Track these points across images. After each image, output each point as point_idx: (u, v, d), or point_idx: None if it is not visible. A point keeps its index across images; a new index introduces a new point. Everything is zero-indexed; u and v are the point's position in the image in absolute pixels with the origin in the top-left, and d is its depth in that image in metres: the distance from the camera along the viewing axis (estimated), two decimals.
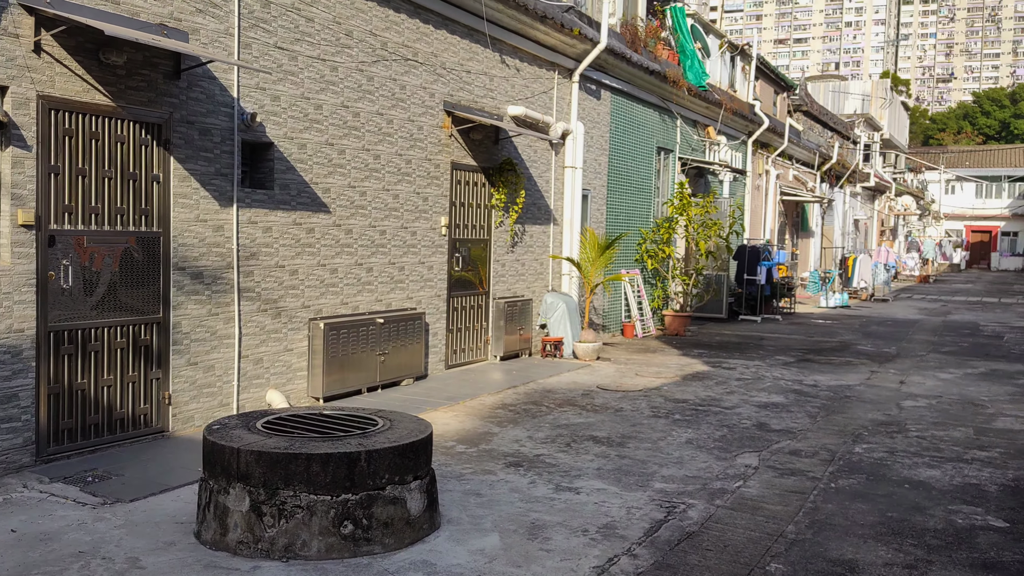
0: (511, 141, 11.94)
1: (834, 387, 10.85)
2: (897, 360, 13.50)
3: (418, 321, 10.02)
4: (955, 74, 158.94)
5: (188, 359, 7.37)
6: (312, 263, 8.69)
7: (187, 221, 7.30)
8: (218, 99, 7.53)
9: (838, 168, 30.36)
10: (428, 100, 10.25)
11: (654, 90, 15.94)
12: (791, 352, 14.04)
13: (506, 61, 11.71)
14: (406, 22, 9.78)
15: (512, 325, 11.97)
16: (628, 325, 15.28)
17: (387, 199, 9.70)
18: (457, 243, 11.07)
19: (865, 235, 38.00)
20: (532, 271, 12.73)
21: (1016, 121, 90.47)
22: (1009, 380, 11.71)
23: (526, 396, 9.67)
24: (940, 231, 58.19)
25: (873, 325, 18.93)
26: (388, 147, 9.65)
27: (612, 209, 14.97)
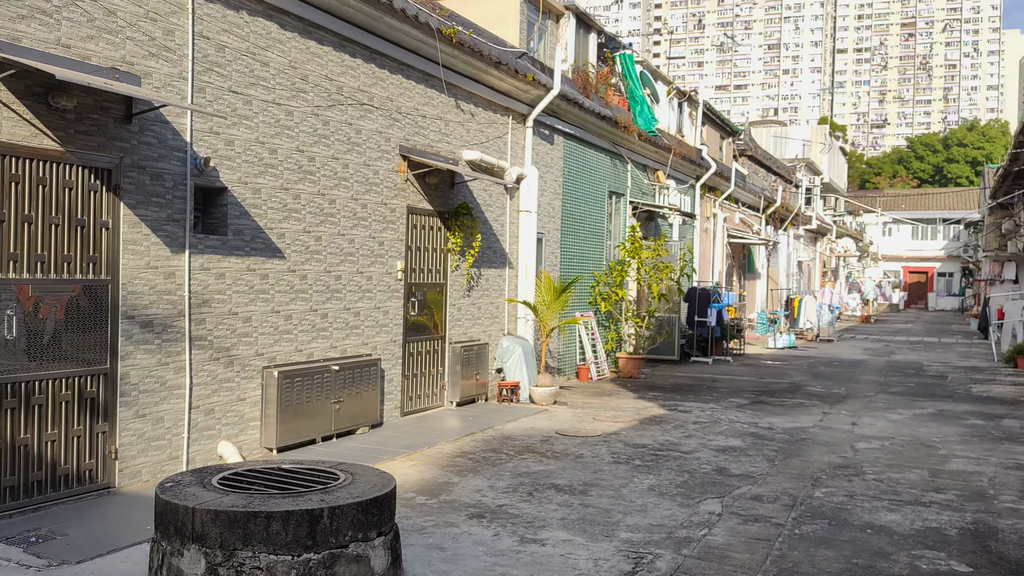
0: (467, 185, 11.93)
1: (789, 429, 10.93)
2: (847, 401, 13.68)
3: (374, 368, 9.85)
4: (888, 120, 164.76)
5: (136, 411, 7.10)
6: (266, 310, 8.50)
7: (137, 268, 7.08)
8: (171, 143, 7.37)
9: (782, 211, 31.04)
10: (384, 144, 10.20)
11: (606, 135, 16.13)
12: (744, 394, 14.14)
13: (461, 106, 11.74)
14: (362, 67, 9.76)
15: (468, 370, 11.85)
16: (583, 368, 15.26)
17: (343, 244, 9.57)
18: (413, 287, 10.96)
19: (808, 276, 38.80)
20: (488, 315, 12.66)
21: (949, 166, 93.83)
22: (957, 421, 11.93)
23: (485, 443, 9.53)
24: (879, 272, 59.74)
25: (821, 366, 19.22)
26: (344, 192, 9.55)
27: (566, 252, 15.02)
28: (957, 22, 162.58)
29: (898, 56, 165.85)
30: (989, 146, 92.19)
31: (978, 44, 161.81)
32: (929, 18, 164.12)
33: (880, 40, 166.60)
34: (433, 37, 10.41)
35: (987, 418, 12.18)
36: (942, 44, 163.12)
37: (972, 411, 12.82)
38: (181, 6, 7.39)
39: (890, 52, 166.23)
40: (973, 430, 11.17)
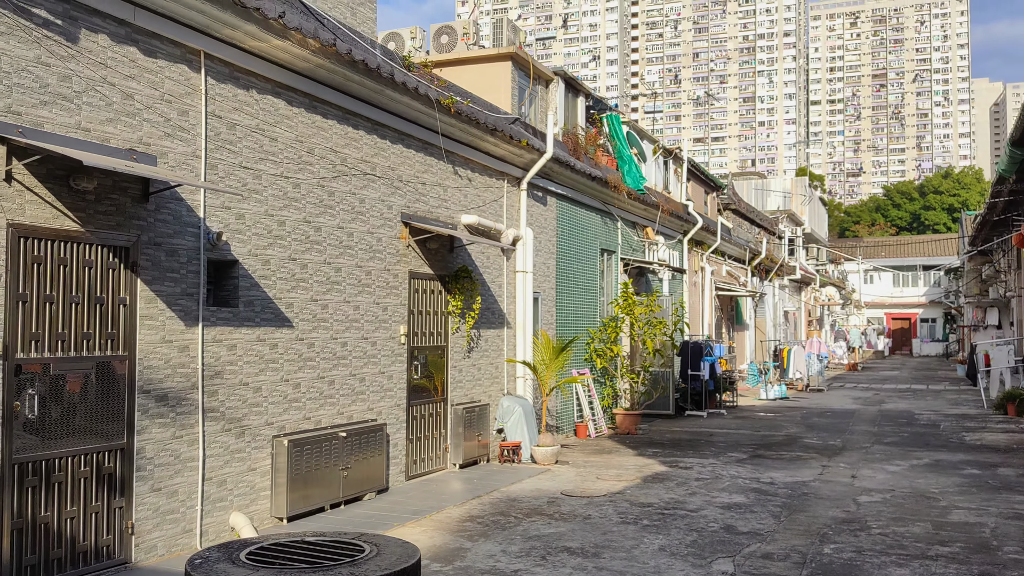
0: (465, 249, 12.14)
1: (790, 484, 11.03)
2: (844, 453, 13.82)
3: (379, 432, 9.92)
4: (864, 168, 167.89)
5: (151, 485, 7.14)
6: (275, 379, 8.60)
7: (153, 343, 7.19)
8: (185, 220, 7.55)
9: (767, 262, 31.49)
10: (386, 212, 10.42)
11: (596, 194, 16.47)
12: (742, 448, 14.25)
13: (459, 172, 12.02)
14: (364, 138, 10.02)
15: (471, 431, 11.92)
16: (581, 425, 15.35)
17: (348, 311, 9.72)
18: (416, 351, 11.09)
19: (795, 326, 39.17)
20: (488, 375, 12.78)
21: (926, 213, 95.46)
22: (954, 471, 12.08)
23: (492, 506, 9.58)
24: (862, 319, 60.31)
25: (814, 417, 19.37)
26: (349, 259, 9.73)
27: (561, 310, 15.22)
28: (927, 72, 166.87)
29: (870, 106, 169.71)
30: (964, 193, 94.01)
31: (948, 93, 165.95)
32: (899, 69, 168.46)
33: (852, 91, 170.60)
34: (432, 108, 10.71)
35: (983, 467, 12.35)
36: (913, 94, 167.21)
37: (967, 460, 12.99)
38: (195, 88, 7.64)
39: (863, 103, 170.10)
40: (970, 480, 11.32)
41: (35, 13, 6.28)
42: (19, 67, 6.17)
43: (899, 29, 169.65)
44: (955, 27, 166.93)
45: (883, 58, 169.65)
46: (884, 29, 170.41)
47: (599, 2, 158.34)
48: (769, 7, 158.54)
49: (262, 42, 8.09)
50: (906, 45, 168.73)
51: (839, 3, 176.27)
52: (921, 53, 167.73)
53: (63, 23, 6.49)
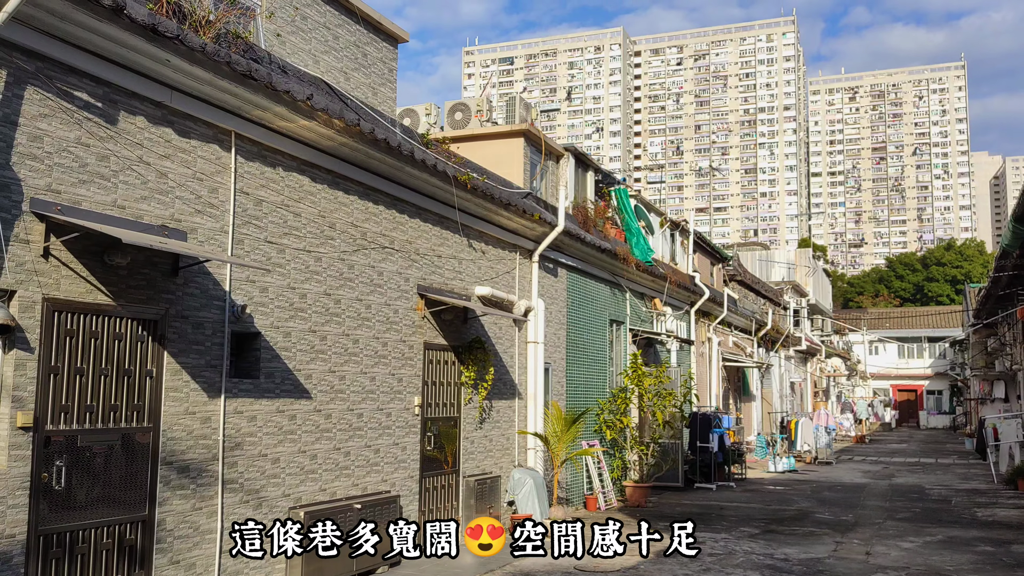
0: (479, 320, 12.30)
1: (805, 561, 10.96)
2: (857, 529, 13.71)
3: (393, 504, 9.92)
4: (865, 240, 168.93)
5: (171, 558, 7.17)
6: (293, 450, 8.67)
7: (177, 414, 7.30)
8: (211, 293, 7.73)
9: (773, 333, 31.58)
10: (403, 284, 10.62)
11: (605, 266, 16.70)
12: (754, 522, 14.15)
13: (473, 245, 12.25)
14: (383, 213, 10.27)
15: (482, 503, 11.89)
16: (591, 497, 15.27)
17: (364, 382, 9.83)
18: (429, 422, 11.15)
19: (801, 397, 39.04)
20: (499, 447, 12.80)
21: (929, 284, 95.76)
22: (968, 548, 11.99)
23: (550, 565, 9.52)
24: (868, 391, 60.01)
25: (824, 491, 19.23)
26: (366, 331, 9.88)
27: (571, 381, 15.29)
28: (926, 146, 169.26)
29: (871, 178, 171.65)
30: (967, 265, 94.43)
31: (948, 166, 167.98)
32: (898, 142, 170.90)
33: (852, 164, 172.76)
34: (449, 183, 11.00)
35: (996, 544, 12.25)
36: (913, 167, 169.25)
37: (981, 537, 12.89)
38: (225, 166, 7.90)
39: (863, 175, 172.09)
40: (985, 557, 11.23)
41: (77, 96, 6.57)
42: (60, 147, 6.43)
43: (897, 104, 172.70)
44: (953, 102, 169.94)
45: (882, 132, 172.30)
46: (883, 104, 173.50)
47: (603, 76, 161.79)
48: (769, 82, 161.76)
49: (290, 122, 8.39)
50: (904, 119, 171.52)
51: (838, 78, 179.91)
52: (920, 127, 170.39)
53: (103, 105, 6.78)
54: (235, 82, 7.56)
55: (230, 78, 7.50)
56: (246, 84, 7.66)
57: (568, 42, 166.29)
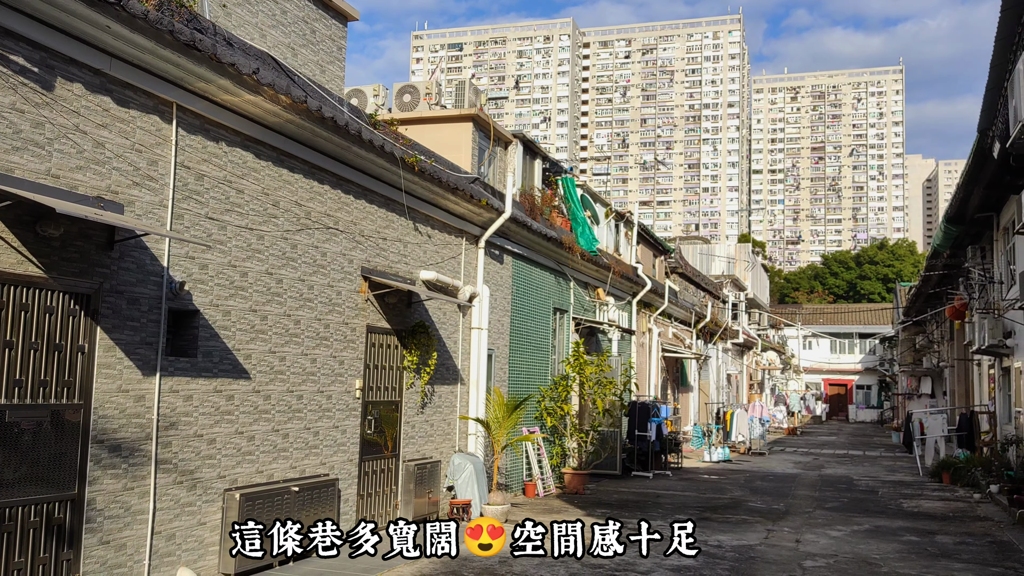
0: (423, 304, 12.23)
1: (737, 547, 11.18)
2: (788, 517, 14.04)
3: (331, 488, 9.83)
4: (803, 237, 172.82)
5: (100, 537, 6.98)
6: (230, 431, 8.51)
7: (109, 392, 7.10)
8: (148, 268, 7.52)
9: (711, 326, 32.10)
10: (347, 266, 10.49)
11: (551, 255, 16.75)
12: (689, 510, 14.38)
13: (419, 228, 12.16)
14: (329, 192, 10.12)
15: (422, 488, 11.85)
16: (529, 484, 15.34)
17: (305, 364, 9.69)
18: (370, 406, 11.06)
19: (737, 389, 39.80)
20: (440, 432, 12.76)
21: (862, 282, 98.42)
22: (894, 537, 12.37)
23: (443, 565, 9.51)
24: (801, 384, 61.49)
25: (757, 480, 19.65)
26: (308, 312, 9.74)
27: (514, 368, 15.32)
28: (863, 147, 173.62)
29: (809, 177, 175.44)
30: (899, 264, 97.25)
31: (883, 168, 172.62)
32: (837, 143, 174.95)
33: (792, 162, 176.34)
34: (396, 165, 10.89)
35: (921, 534, 12.66)
36: (849, 167, 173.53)
37: (906, 527, 13.31)
38: (165, 138, 7.69)
39: (802, 173, 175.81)
40: (910, 547, 11.60)
41: (12, 60, 6.31)
42: None
43: (837, 105, 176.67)
44: (890, 105, 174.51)
45: (821, 132, 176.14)
46: (823, 104, 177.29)
47: (551, 66, 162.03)
48: (715, 78, 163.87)
49: (235, 96, 8.19)
50: (843, 120, 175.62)
51: (780, 78, 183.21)
52: (858, 128, 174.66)
53: (39, 71, 6.52)
54: (178, 52, 7.35)
55: (172, 47, 7.28)
56: (189, 54, 7.45)
57: (518, 31, 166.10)
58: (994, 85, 11.94)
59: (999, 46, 10.73)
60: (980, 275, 20.93)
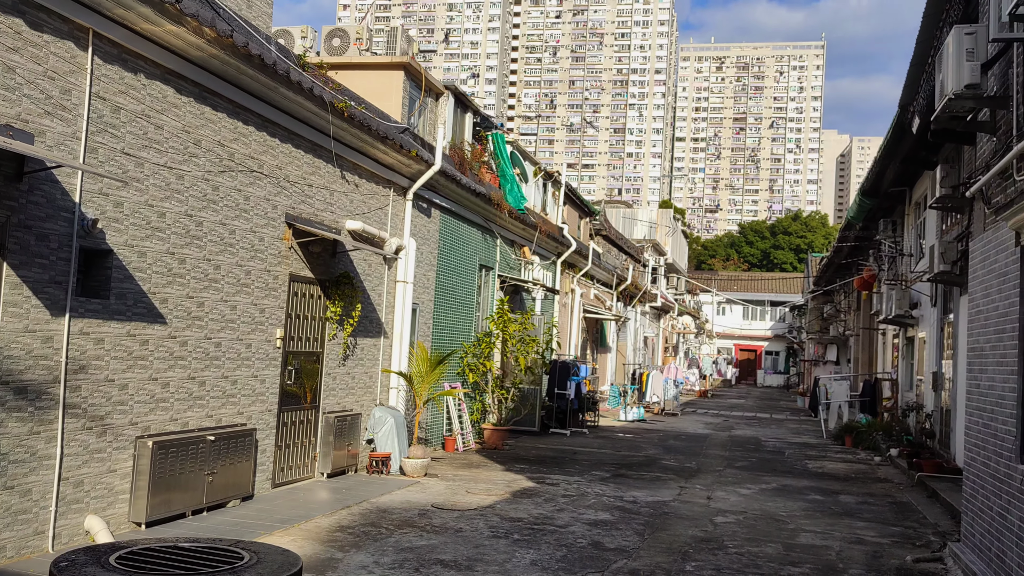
0: (348, 255, 11.98)
1: (652, 503, 11.43)
2: (700, 475, 14.44)
3: (249, 438, 9.62)
4: (721, 206, 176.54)
5: (4, 482, 6.66)
6: (143, 377, 8.20)
7: (15, 332, 6.73)
8: (59, 203, 7.11)
9: (632, 289, 32.56)
10: (271, 212, 10.16)
11: (479, 211, 16.61)
12: (605, 467, 14.64)
13: (347, 177, 11.87)
14: (254, 134, 9.75)
15: (341, 440, 11.72)
16: (449, 439, 15.36)
17: (225, 311, 9.39)
18: (291, 356, 10.82)
19: (652, 351, 40.61)
20: (362, 384, 12.61)
21: (775, 251, 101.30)
22: (800, 496, 12.85)
23: (362, 517, 9.45)
24: (713, 349, 63.21)
25: (671, 439, 20.14)
26: (229, 257, 9.42)
27: (438, 323, 15.22)
28: (782, 120, 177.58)
29: (730, 148, 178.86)
30: (811, 235, 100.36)
31: (800, 141, 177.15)
32: (758, 115, 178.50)
33: (715, 132, 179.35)
34: (325, 110, 10.55)
35: (825, 493, 13.18)
36: (769, 139, 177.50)
37: (811, 487, 13.84)
38: (80, 66, 7.24)
39: (723, 143, 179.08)
40: (815, 505, 12.07)
41: None
42: None
43: (760, 77, 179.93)
44: (811, 80, 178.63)
45: (744, 103, 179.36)
46: (746, 76, 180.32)
47: (482, 21, 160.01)
48: (643, 44, 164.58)
49: (155, 26, 7.76)
50: (765, 93, 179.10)
51: (707, 47, 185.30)
52: (779, 102, 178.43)
53: None
54: None
55: None
56: None
57: None
58: (919, 61, 12.21)
59: (927, 22, 10.95)
60: (891, 247, 21.71)
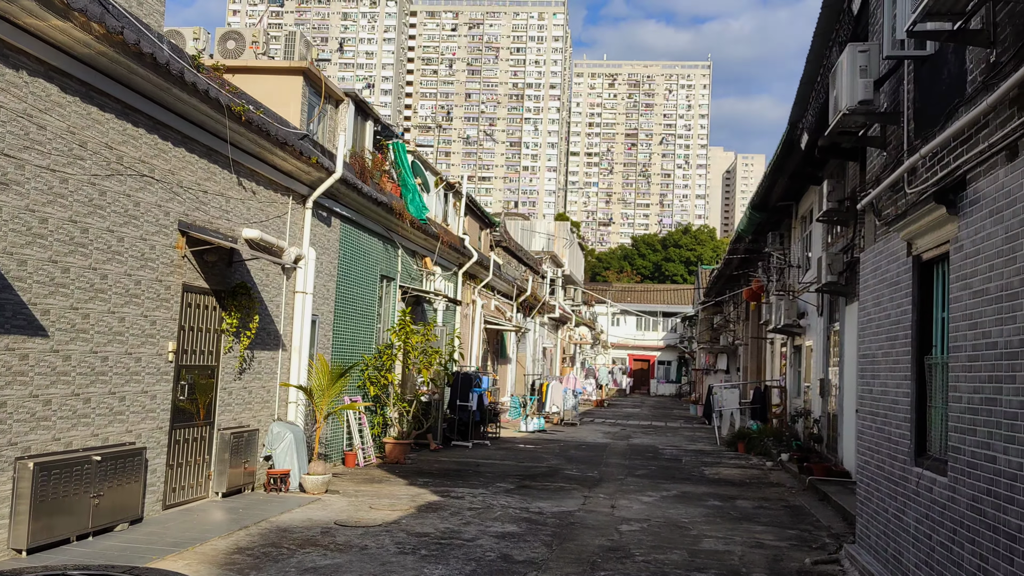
0: (245, 265, 11.54)
1: (558, 514, 11.42)
2: (603, 484, 14.54)
3: (138, 457, 9.10)
4: (614, 219, 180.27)
5: None
6: (23, 394, 7.63)
7: None
8: None
9: (531, 300, 32.72)
10: (163, 218, 9.68)
11: (380, 220, 16.34)
12: (509, 479, 14.57)
13: (243, 184, 11.44)
14: (144, 137, 9.27)
15: (237, 458, 11.24)
16: (350, 454, 14.99)
17: (112, 323, 8.87)
18: (183, 370, 10.31)
19: (551, 362, 40.93)
20: (259, 399, 12.15)
21: (667, 264, 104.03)
22: (699, 502, 13.09)
23: (261, 537, 9.06)
24: (608, 359, 64.27)
25: (571, 449, 20.26)
26: (117, 267, 8.91)
27: (339, 335, 14.86)
28: (672, 136, 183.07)
29: (622, 163, 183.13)
30: (700, 248, 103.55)
31: (689, 157, 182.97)
32: (649, 131, 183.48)
33: (607, 147, 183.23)
34: (222, 113, 10.14)
35: (723, 499, 13.48)
36: (659, 155, 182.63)
37: (710, 492, 14.13)
38: None
39: (616, 158, 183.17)
40: (714, 511, 12.31)
41: None
42: None
43: (651, 94, 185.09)
44: (698, 98, 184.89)
45: (635, 119, 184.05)
46: (638, 93, 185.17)
47: (377, 31, 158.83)
48: (538, 59, 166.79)
49: (40, 20, 7.27)
50: (656, 110, 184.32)
51: (600, 64, 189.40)
52: (668, 118, 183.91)
53: None
54: None
55: None
56: None
57: None
58: (808, 79, 12.71)
59: (817, 41, 11.40)
60: (779, 259, 22.53)
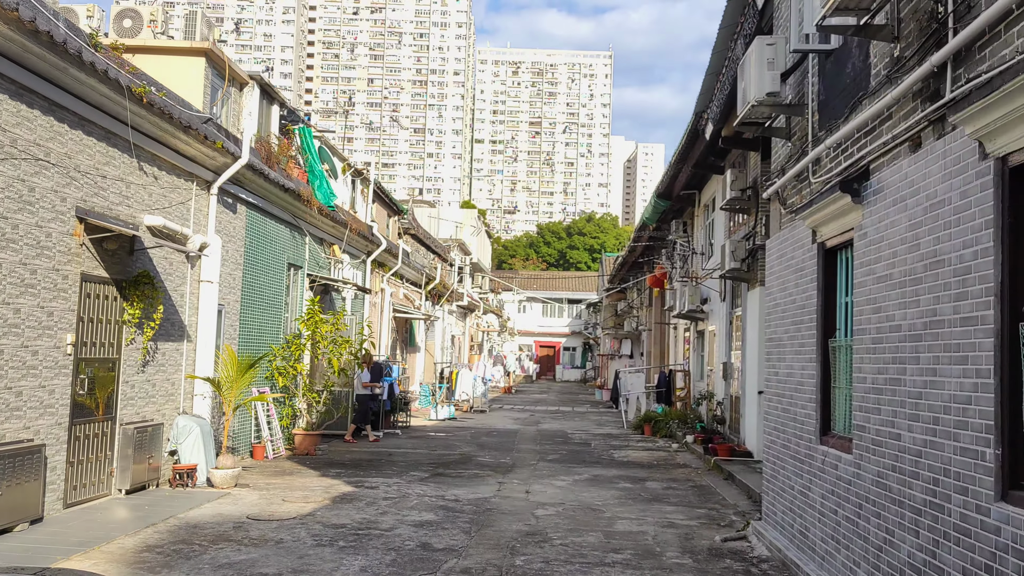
0: (147, 253, 11.10)
1: (474, 500, 11.45)
2: (516, 470, 14.66)
3: (36, 455, 8.67)
4: (519, 207, 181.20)
5: None
6: None
7: None
8: None
9: (440, 288, 32.63)
10: (59, 205, 9.21)
11: (287, 207, 15.97)
12: (423, 467, 14.53)
13: (145, 168, 10.99)
14: (40, 119, 8.80)
15: (141, 453, 10.84)
16: (258, 446, 14.66)
17: (7, 314, 8.40)
18: (83, 363, 9.86)
19: (459, 350, 40.94)
20: (163, 392, 11.74)
21: (571, 251, 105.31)
22: (611, 485, 13.34)
23: (171, 534, 8.78)
24: (515, 346, 64.73)
25: (483, 436, 20.34)
26: (11, 255, 8.44)
27: (245, 325, 14.47)
28: (575, 125, 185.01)
29: (527, 151, 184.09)
30: (603, 236, 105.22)
31: (591, 146, 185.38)
32: (552, 119, 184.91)
33: (512, 135, 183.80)
34: (122, 95, 9.71)
35: (633, 481, 13.78)
36: (563, 144, 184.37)
37: (620, 475, 14.42)
38: None
39: (520, 147, 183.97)
40: (626, 493, 12.58)
41: None
42: None
43: (554, 83, 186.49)
44: (600, 88, 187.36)
45: (539, 108, 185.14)
46: (541, 81, 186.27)
47: (275, 13, 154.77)
48: (441, 45, 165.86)
49: None
50: (559, 99, 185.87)
51: (503, 51, 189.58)
52: (571, 107, 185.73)
53: None
54: None
55: None
56: None
57: None
58: (713, 71, 13.05)
59: (723, 33, 11.71)
60: (683, 246, 23.11)
